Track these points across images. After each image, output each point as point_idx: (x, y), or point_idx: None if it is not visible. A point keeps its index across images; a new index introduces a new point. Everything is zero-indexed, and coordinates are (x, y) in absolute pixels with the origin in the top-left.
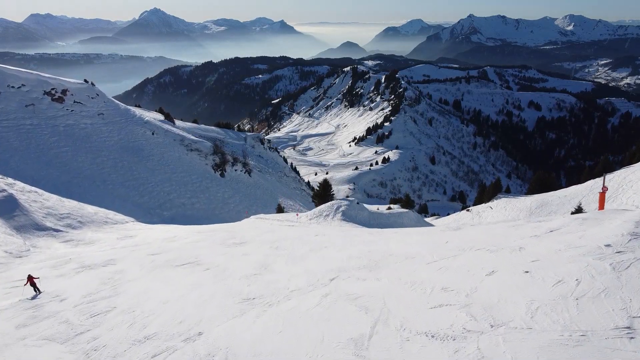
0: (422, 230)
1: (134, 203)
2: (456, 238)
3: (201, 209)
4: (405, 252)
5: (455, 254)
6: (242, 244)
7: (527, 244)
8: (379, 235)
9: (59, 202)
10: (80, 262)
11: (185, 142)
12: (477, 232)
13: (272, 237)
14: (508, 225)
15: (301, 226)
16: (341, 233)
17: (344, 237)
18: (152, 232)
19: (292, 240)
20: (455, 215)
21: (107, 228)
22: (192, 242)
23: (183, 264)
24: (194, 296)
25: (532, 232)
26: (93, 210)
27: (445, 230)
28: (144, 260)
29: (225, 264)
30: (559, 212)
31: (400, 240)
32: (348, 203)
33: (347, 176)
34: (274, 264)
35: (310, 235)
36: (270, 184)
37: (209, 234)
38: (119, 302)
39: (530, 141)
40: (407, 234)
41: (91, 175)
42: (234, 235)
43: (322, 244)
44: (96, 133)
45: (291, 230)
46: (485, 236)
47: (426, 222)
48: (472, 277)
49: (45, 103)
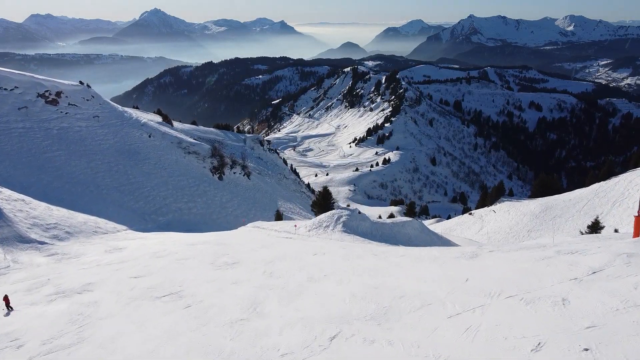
0: (433, 254)
1: (129, 208)
2: (476, 272)
3: (198, 213)
4: (418, 292)
5: (482, 303)
6: (233, 265)
7: (570, 294)
8: (385, 258)
9: (47, 210)
10: (57, 285)
11: (183, 144)
12: (498, 264)
13: (267, 255)
14: (534, 255)
15: (299, 239)
16: (342, 251)
17: (346, 259)
18: (142, 243)
19: (288, 261)
20: (458, 219)
21: (96, 239)
22: (181, 261)
23: (164, 295)
24: (167, 353)
25: (570, 272)
26: (83, 219)
27: (459, 258)
28: (124, 287)
29: (211, 299)
30: (564, 217)
31: (410, 270)
32: (349, 213)
33: (348, 177)
34: (266, 301)
35: (308, 254)
36: (269, 186)
37: (200, 247)
38: (80, 356)
39: (531, 142)
40: (416, 259)
41: (85, 180)
42: (227, 250)
43: (322, 268)
44: (91, 136)
45: (288, 245)
46: (511, 273)
47: (430, 231)
48: (513, 351)
49: (38, 105)
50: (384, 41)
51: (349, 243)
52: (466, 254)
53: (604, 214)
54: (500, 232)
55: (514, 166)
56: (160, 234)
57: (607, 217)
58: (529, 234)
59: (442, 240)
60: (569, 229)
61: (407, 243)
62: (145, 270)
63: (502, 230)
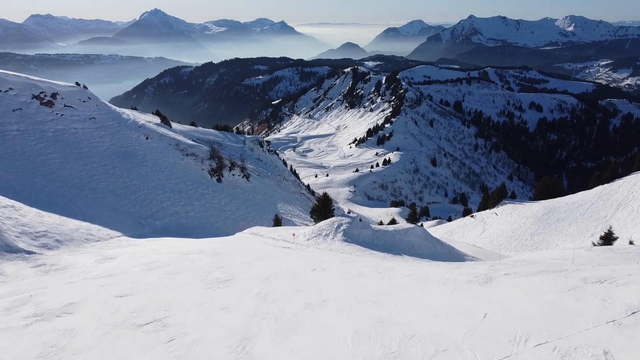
0: (442, 275)
1: (124, 212)
2: (494, 305)
3: (196, 217)
4: (430, 332)
5: (507, 353)
6: (226, 282)
7: (611, 344)
8: (389, 278)
9: (38, 217)
10: (37, 305)
11: (181, 146)
12: (518, 295)
13: (262, 270)
14: (558, 284)
15: (298, 249)
16: (343, 266)
17: (347, 277)
18: (134, 252)
19: (285, 279)
20: (459, 222)
21: (87, 247)
22: (172, 275)
23: (147, 323)
24: None
25: (605, 311)
26: (75, 225)
27: (472, 282)
28: (106, 310)
29: (197, 331)
30: (567, 220)
31: (419, 298)
32: (349, 221)
33: (348, 178)
34: (257, 336)
35: (306, 270)
36: (269, 188)
37: (194, 258)
38: None
39: (532, 142)
40: (424, 281)
41: (80, 183)
42: (222, 263)
43: (321, 290)
44: (87, 138)
45: (286, 258)
46: (535, 308)
47: (433, 238)
48: None
49: (33, 107)
50: (384, 41)
51: (350, 255)
52: (479, 276)
53: (608, 217)
54: (503, 236)
55: (515, 167)
56: (155, 240)
57: (611, 220)
58: (531, 238)
59: (445, 248)
60: (573, 233)
61: (410, 252)
62: (132, 288)
63: (505, 233)
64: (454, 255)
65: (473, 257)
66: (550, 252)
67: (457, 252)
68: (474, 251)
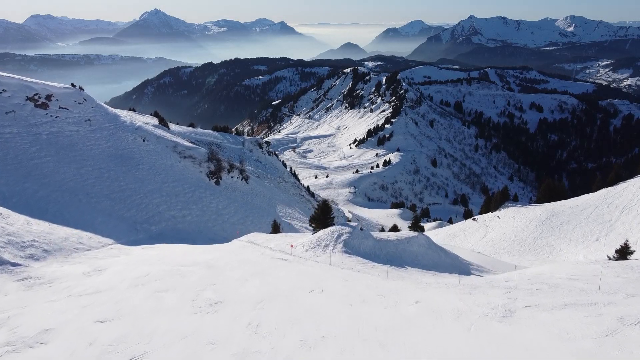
0: (455, 304)
1: (119, 218)
2: (520, 352)
3: (193, 221)
4: None
5: None
6: (216, 306)
7: None
8: (395, 306)
9: (26, 225)
10: (12, 330)
11: (179, 148)
12: (547, 340)
13: (256, 291)
14: (591, 325)
15: (295, 262)
16: (343, 288)
17: (348, 303)
18: (125, 263)
19: (280, 303)
20: (461, 224)
21: (76, 257)
22: (160, 293)
23: None
24: None
25: None
26: (65, 234)
27: (489, 317)
28: (82, 340)
29: None
30: (571, 224)
31: (430, 338)
32: (350, 230)
33: (348, 179)
34: None
35: (304, 291)
36: (268, 190)
37: (187, 271)
38: None
39: (532, 143)
40: (434, 313)
41: (73, 187)
42: (214, 279)
43: (319, 323)
44: (82, 141)
45: (282, 273)
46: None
47: (437, 247)
48: None
49: (27, 110)
50: (384, 42)
51: (351, 271)
52: (496, 308)
53: (613, 220)
54: (505, 239)
55: (515, 168)
56: (149, 247)
57: (616, 224)
58: (535, 242)
59: (450, 257)
60: (577, 237)
61: (414, 263)
62: (115, 311)
63: (507, 237)
64: (458, 265)
65: (479, 267)
66: (564, 267)
67: (462, 262)
68: (479, 259)
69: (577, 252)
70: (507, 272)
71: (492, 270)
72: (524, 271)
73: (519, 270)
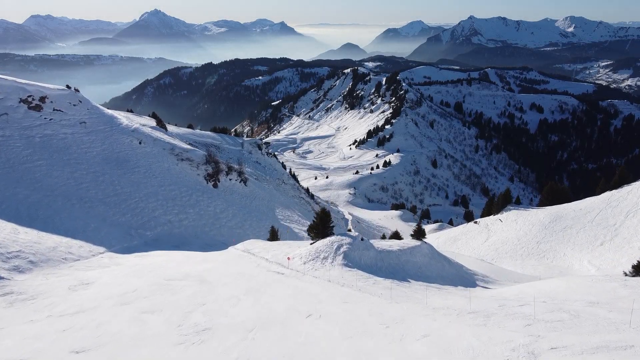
0: (469, 342)
1: (113, 223)
2: None
3: (189, 226)
4: None
5: None
6: (202, 335)
7: None
8: (401, 340)
9: (13, 234)
10: None
11: (176, 151)
12: None
13: (248, 316)
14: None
15: (292, 277)
16: (342, 313)
17: (348, 335)
18: (114, 275)
19: (273, 331)
20: (462, 228)
21: (63, 269)
22: (146, 315)
23: None
24: None
25: None
26: (53, 243)
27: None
28: None
29: None
30: (575, 228)
31: None
32: (350, 241)
33: (348, 180)
34: None
35: (301, 315)
36: (267, 193)
37: (176, 287)
38: None
39: (533, 144)
40: (447, 356)
41: (67, 192)
42: (205, 297)
43: None
44: (76, 144)
45: (278, 292)
46: None
47: (441, 256)
48: None
49: (20, 112)
50: (384, 42)
51: (351, 290)
52: (518, 351)
53: (618, 225)
54: (508, 243)
55: (516, 168)
56: (142, 256)
57: (620, 228)
58: (538, 246)
59: (454, 267)
60: (581, 242)
61: (417, 275)
62: (94, 338)
63: (510, 241)
64: (463, 276)
65: (483, 276)
66: (579, 284)
67: (467, 271)
68: (483, 268)
69: (582, 257)
70: (516, 285)
71: (498, 280)
72: (534, 287)
73: (529, 285)
